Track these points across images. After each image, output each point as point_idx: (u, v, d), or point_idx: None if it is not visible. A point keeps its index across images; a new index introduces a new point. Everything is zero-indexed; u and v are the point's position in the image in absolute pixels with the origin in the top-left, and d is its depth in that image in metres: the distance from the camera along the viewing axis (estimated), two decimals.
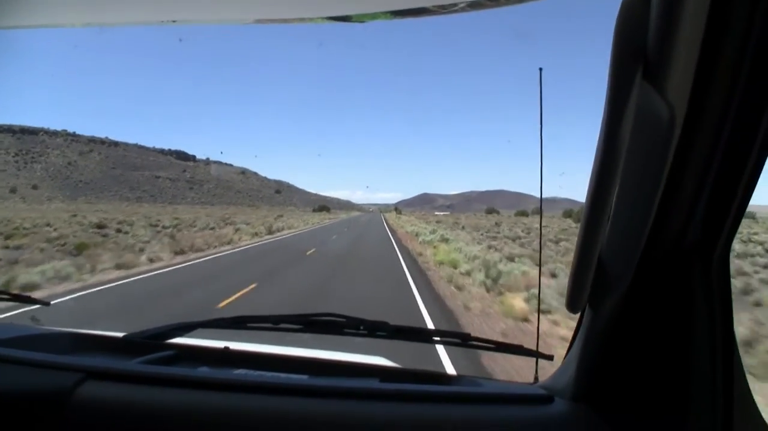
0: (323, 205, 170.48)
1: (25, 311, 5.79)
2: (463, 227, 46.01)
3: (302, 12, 1.04)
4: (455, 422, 0.81)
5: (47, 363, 0.91)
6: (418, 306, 8.09)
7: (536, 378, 1.08)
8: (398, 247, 22.19)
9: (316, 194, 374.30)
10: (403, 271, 13.07)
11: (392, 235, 32.91)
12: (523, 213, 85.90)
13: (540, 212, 1.32)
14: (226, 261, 15.43)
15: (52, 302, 1.57)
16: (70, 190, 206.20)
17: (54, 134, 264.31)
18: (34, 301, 1.40)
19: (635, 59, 0.61)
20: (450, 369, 4.66)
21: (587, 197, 0.66)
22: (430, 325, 6.67)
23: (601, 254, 0.69)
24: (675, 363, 0.71)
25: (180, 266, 13.57)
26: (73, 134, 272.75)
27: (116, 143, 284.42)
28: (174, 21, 1.08)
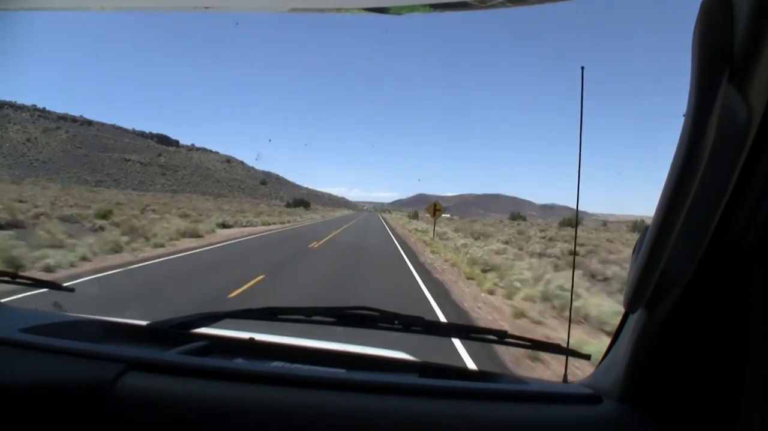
0: (301, 199, 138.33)
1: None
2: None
3: (339, 2, 1.00)
4: (503, 420, 0.79)
5: (85, 353, 0.89)
6: None
7: (565, 376, 1.09)
8: None
9: (306, 189, 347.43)
10: None
11: None
12: (569, 223, 58.89)
13: (576, 216, 1.53)
14: None
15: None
16: (21, 169, 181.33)
17: (21, 108, 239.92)
18: (58, 287, 1.36)
19: (721, 62, 0.59)
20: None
21: (662, 199, 0.65)
22: None
23: (666, 254, 0.67)
24: (728, 368, 0.70)
25: None
26: (42, 110, 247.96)
27: (90, 122, 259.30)
28: (207, 7, 1.03)
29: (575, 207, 1.13)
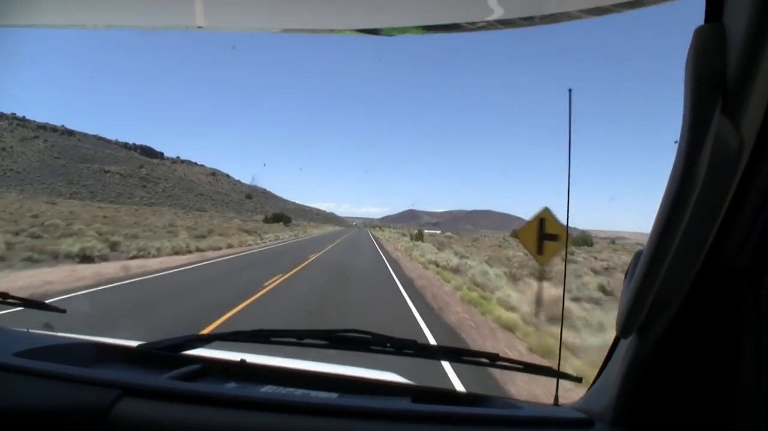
0: (280, 214, 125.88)
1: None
2: None
3: (332, 24, 1.01)
4: None
5: (80, 378, 0.89)
6: None
7: (556, 399, 1.09)
8: None
9: (294, 203, 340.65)
10: None
11: None
12: (583, 242, 53.57)
13: (566, 233, 1.92)
14: None
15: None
16: None
17: None
18: (49, 308, 1.36)
19: (714, 92, 0.59)
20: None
21: (656, 226, 0.65)
22: None
23: (660, 280, 0.68)
24: (720, 391, 0.70)
25: None
26: (22, 119, 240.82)
27: (71, 132, 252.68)
28: (200, 27, 1.06)
29: (570, 224, 1.05)
